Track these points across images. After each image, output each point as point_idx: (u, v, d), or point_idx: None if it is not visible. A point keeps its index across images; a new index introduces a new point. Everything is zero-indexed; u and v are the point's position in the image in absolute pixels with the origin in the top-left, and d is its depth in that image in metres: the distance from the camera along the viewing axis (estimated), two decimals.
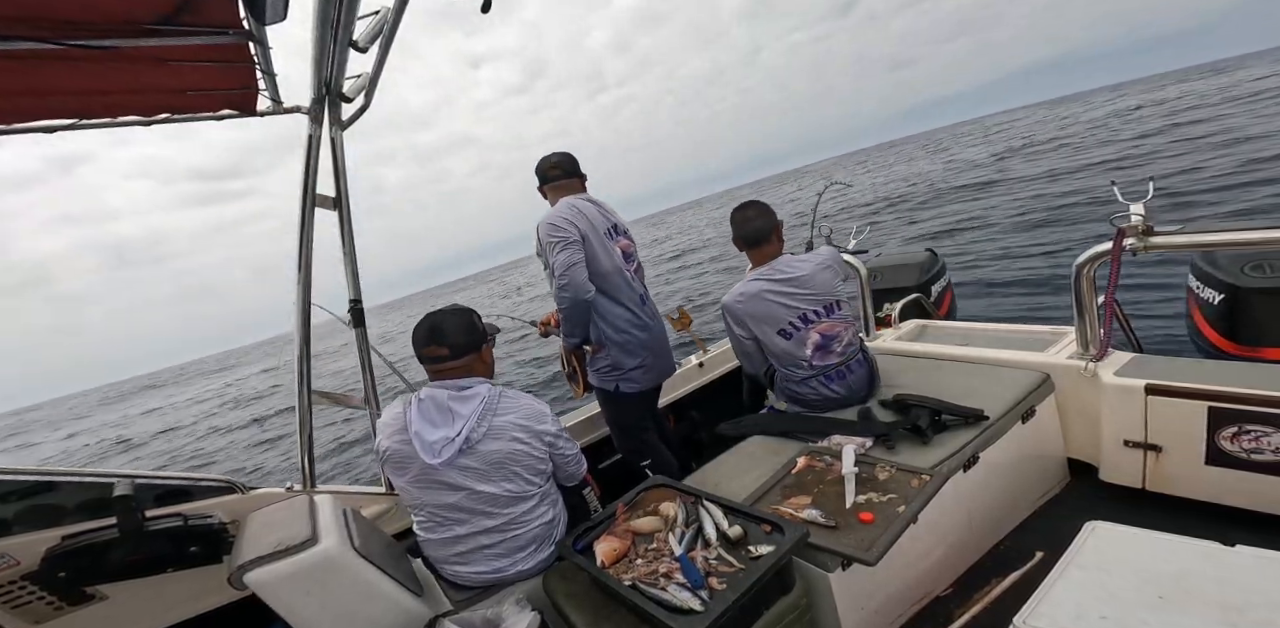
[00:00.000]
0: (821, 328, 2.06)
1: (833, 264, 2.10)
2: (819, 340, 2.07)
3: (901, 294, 3.26)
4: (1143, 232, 1.78)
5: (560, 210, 2.13)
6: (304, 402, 1.99)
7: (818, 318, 2.05)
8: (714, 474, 1.95)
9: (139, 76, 1.35)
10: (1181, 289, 3.30)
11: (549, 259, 2.12)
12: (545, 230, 2.11)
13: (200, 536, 1.71)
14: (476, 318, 1.69)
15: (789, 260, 2.09)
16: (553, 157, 2.28)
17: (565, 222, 2.10)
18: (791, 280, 2.04)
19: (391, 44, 1.39)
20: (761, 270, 2.09)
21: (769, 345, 2.13)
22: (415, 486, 1.58)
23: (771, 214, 2.13)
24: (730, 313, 2.16)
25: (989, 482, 1.84)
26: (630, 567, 1.39)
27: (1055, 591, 1.10)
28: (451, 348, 1.59)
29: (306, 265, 1.94)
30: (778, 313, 2.05)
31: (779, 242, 2.13)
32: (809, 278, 2.04)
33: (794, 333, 2.06)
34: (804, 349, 2.08)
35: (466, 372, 1.62)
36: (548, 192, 2.29)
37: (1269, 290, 2.61)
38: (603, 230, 2.20)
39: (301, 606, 1.42)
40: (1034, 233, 8.95)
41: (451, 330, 1.60)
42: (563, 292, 2.08)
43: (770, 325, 2.08)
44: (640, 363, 2.29)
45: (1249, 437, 1.66)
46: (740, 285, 2.13)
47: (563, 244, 2.07)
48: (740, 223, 2.13)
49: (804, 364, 2.10)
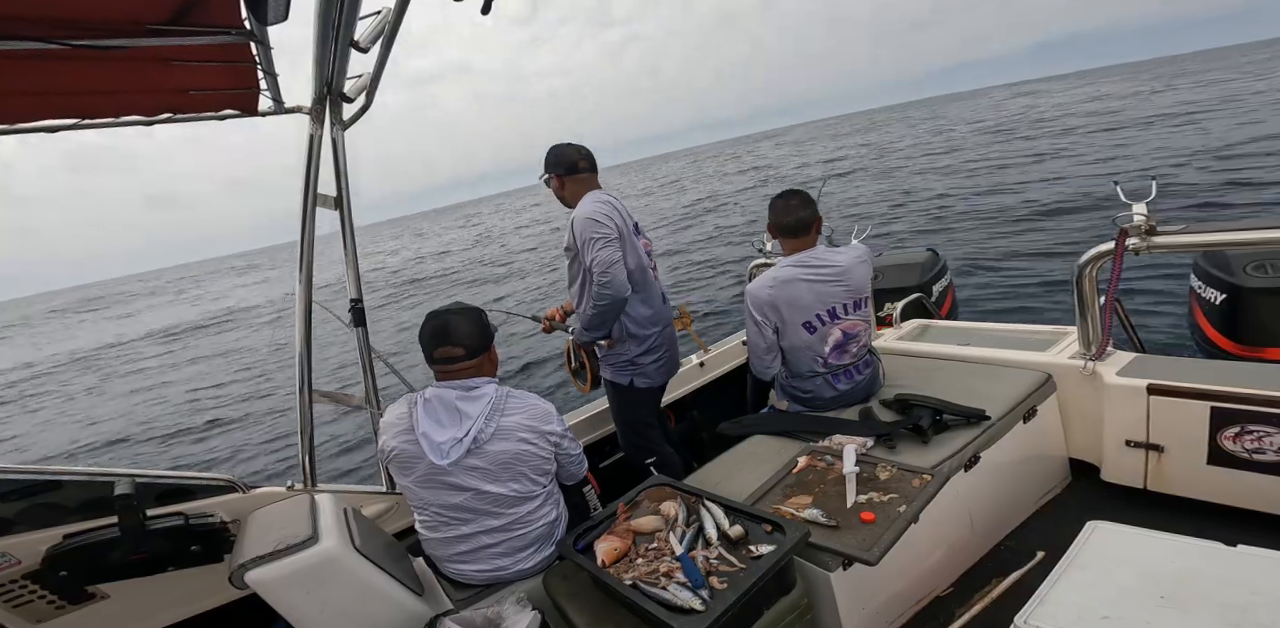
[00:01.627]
0: (846, 325, 2.05)
1: (868, 260, 2.09)
2: (840, 339, 2.05)
3: (903, 294, 3.25)
4: (1145, 231, 1.77)
5: (598, 207, 2.10)
6: (304, 401, 1.99)
7: (845, 314, 2.03)
8: (715, 474, 1.95)
9: (141, 76, 1.36)
10: (1183, 289, 3.29)
11: (588, 255, 2.07)
12: (586, 226, 2.06)
13: (201, 535, 1.71)
14: (484, 315, 1.67)
15: (824, 252, 2.05)
16: (579, 148, 2.24)
17: (606, 218, 2.07)
18: (828, 271, 2.01)
19: (393, 44, 1.40)
20: (797, 258, 2.05)
21: (790, 338, 2.08)
22: (420, 486, 1.57)
23: (814, 205, 2.08)
24: (756, 300, 2.08)
25: (990, 482, 1.84)
26: (631, 566, 1.39)
27: (1056, 590, 1.10)
28: (467, 349, 1.58)
29: (308, 265, 1.94)
30: (809, 302, 2.01)
31: (817, 233, 2.09)
32: (847, 271, 2.01)
33: (818, 327, 2.03)
34: (823, 346, 2.06)
35: (477, 372, 1.61)
36: (567, 182, 2.24)
37: (1271, 290, 2.61)
38: (629, 226, 2.20)
39: (302, 605, 1.43)
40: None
41: (464, 331, 1.59)
42: (604, 289, 2.05)
43: (799, 315, 2.03)
44: (657, 358, 2.30)
45: (1251, 437, 1.66)
46: (773, 271, 2.07)
47: (604, 241, 2.05)
48: (782, 211, 2.06)
49: (819, 361, 2.08)
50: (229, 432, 8.28)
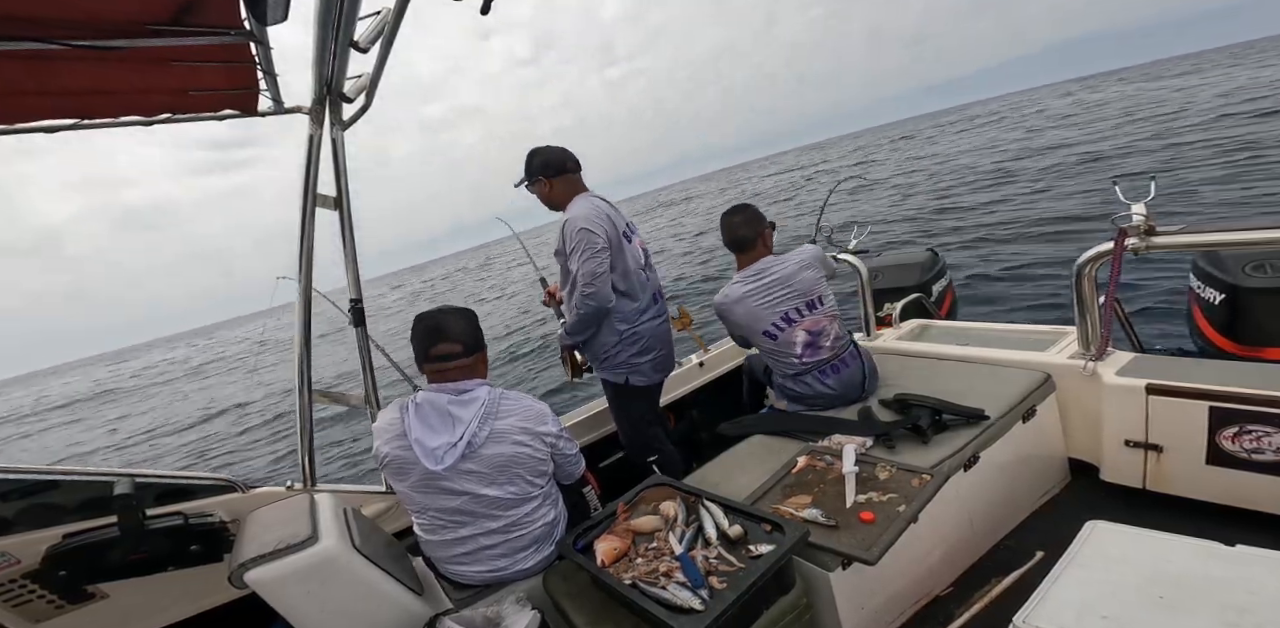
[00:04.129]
0: (806, 325, 2.11)
1: (813, 262, 2.15)
2: (806, 338, 2.12)
3: (902, 294, 3.26)
4: (1144, 231, 1.77)
5: (590, 214, 2.09)
6: (304, 401, 1.99)
7: (800, 316, 2.11)
8: (714, 473, 1.95)
9: (141, 77, 1.36)
10: (1182, 289, 3.29)
11: (574, 264, 2.08)
12: (577, 234, 2.06)
13: (201, 534, 1.72)
14: (476, 317, 1.68)
15: (771, 262, 2.15)
16: (562, 149, 2.23)
17: (598, 227, 2.07)
18: (773, 282, 2.11)
19: (392, 44, 1.40)
20: (745, 273, 2.17)
21: (759, 344, 2.22)
22: (416, 490, 1.56)
23: (758, 220, 2.18)
24: (719, 313, 2.26)
25: (990, 481, 1.84)
26: (630, 566, 1.39)
27: (1056, 590, 1.11)
28: (464, 345, 1.58)
29: (308, 265, 1.94)
30: (761, 314, 2.12)
31: (764, 246, 2.20)
32: (790, 277, 2.10)
33: (778, 333, 2.13)
34: (793, 348, 2.14)
35: (470, 372, 1.61)
36: (556, 184, 2.21)
37: (1270, 290, 2.61)
38: (621, 230, 2.20)
39: (302, 604, 1.43)
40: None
41: (459, 328, 1.59)
42: (588, 300, 2.07)
43: (756, 326, 2.15)
44: (652, 357, 2.31)
45: (1250, 437, 1.66)
46: (726, 287, 2.21)
47: (591, 252, 2.05)
48: (727, 229, 2.21)
49: (794, 361, 2.15)
50: None
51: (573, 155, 2.23)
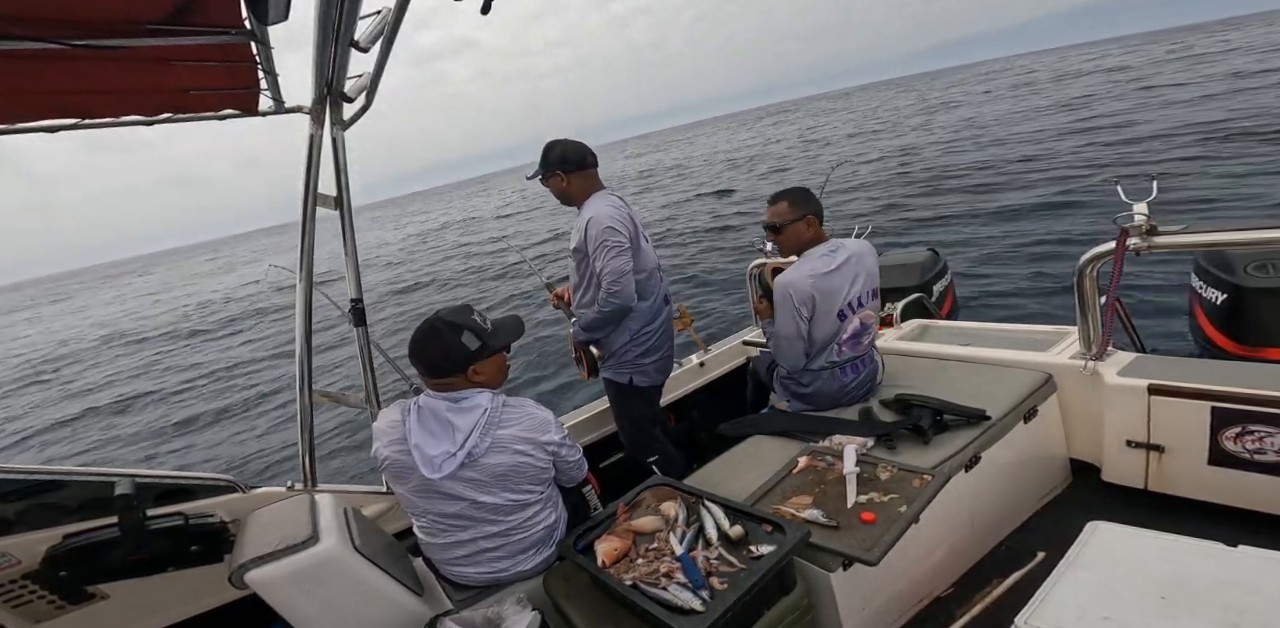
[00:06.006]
0: (864, 314, 2.09)
1: (873, 250, 2.16)
2: (857, 328, 2.09)
3: (903, 294, 3.25)
4: (1146, 231, 1.77)
5: (612, 212, 2.09)
6: (304, 401, 1.99)
7: (864, 303, 2.08)
8: (715, 474, 1.95)
9: (141, 76, 1.35)
10: (1184, 289, 3.29)
11: (600, 262, 2.06)
12: (602, 232, 2.04)
13: (201, 535, 1.71)
14: (474, 334, 1.53)
15: (843, 242, 2.10)
16: (581, 144, 2.20)
17: (621, 225, 2.06)
18: (853, 260, 2.06)
19: (393, 44, 1.39)
20: (824, 248, 2.07)
21: (819, 326, 2.07)
22: (416, 495, 1.56)
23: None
24: (799, 292, 2.03)
25: (991, 482, 1.84)
26: (631, 566, 1.39)
27: (1057, 591, 1.10)
28: (428, 370, 1.54)
29: (308, 265, 1.94)
30: (843, 291, 2.04)
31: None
32: (864, 258, 2.09)
33: (848, 314, 2.06)
34: (842, 335, 2.09)
35: (462, 385, 1.55)
36: (575, 179, 2.17)
37: (1272, 290, 2.60)
38: (639, 230, 2.20)
39: (302, 605, 1.43)
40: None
41: (430, 352, 1.52)
42: (613, 298, 2.06)
43: (834, 304, 2.04)
44: (656, 358, 2.31)
45: (1252, 437, 1.66)
46: (808, 263, 2.06)
47: (618, 250, 2.04)
48: (812, 201, 2.11)
49: (836, 349, 2.10)
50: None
51: (591, 151, 2.20)
